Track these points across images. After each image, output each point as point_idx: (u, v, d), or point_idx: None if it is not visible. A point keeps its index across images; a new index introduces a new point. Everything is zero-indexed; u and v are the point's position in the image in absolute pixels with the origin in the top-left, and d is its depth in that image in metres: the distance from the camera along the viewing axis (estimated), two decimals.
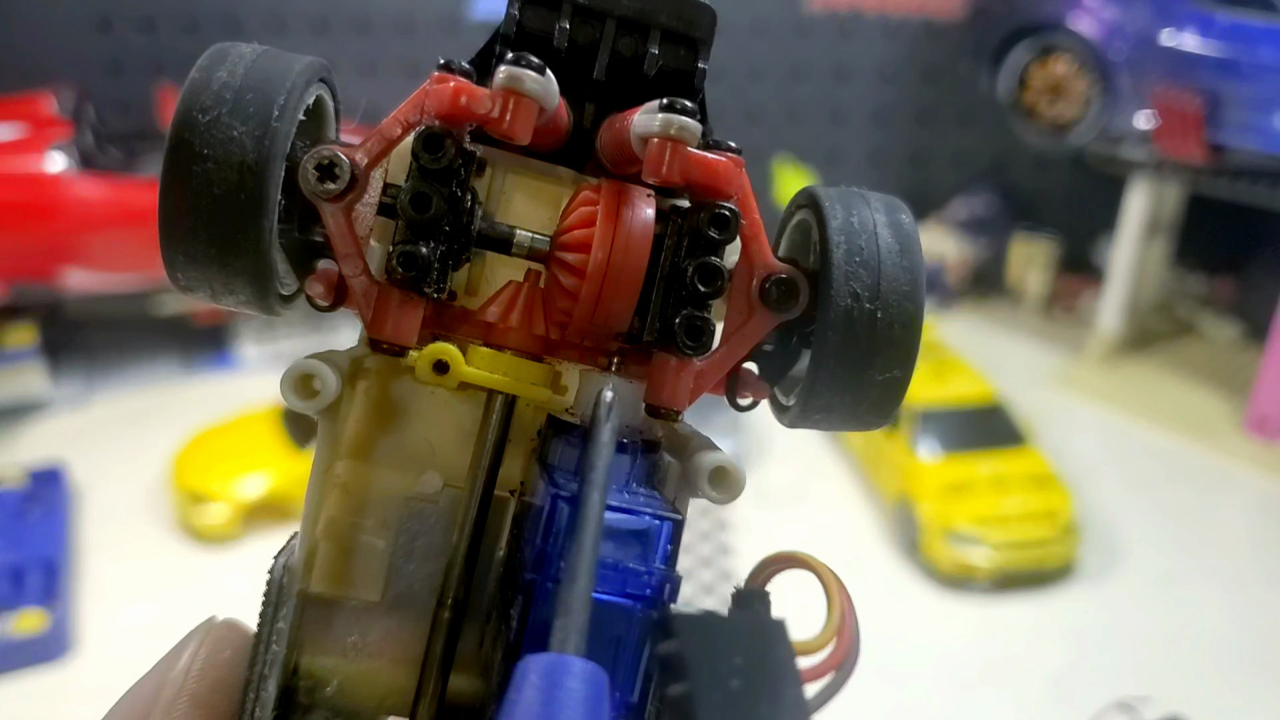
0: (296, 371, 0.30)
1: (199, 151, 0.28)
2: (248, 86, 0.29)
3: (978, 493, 1.47)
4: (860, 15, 2.19)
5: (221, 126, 0.28)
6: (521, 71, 0.29)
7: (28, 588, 1.32)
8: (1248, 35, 1.63)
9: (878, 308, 0.31)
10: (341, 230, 0.31)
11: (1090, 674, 1.30)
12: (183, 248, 0.30)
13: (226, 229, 0.29)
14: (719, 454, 0.32)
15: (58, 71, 1.93)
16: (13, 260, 1.72)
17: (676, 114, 0.29)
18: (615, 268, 0.30)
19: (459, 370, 0.30)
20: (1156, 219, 1.96)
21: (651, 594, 0.27)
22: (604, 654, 0.26)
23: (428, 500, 0.33)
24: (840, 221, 0.32)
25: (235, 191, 0.28)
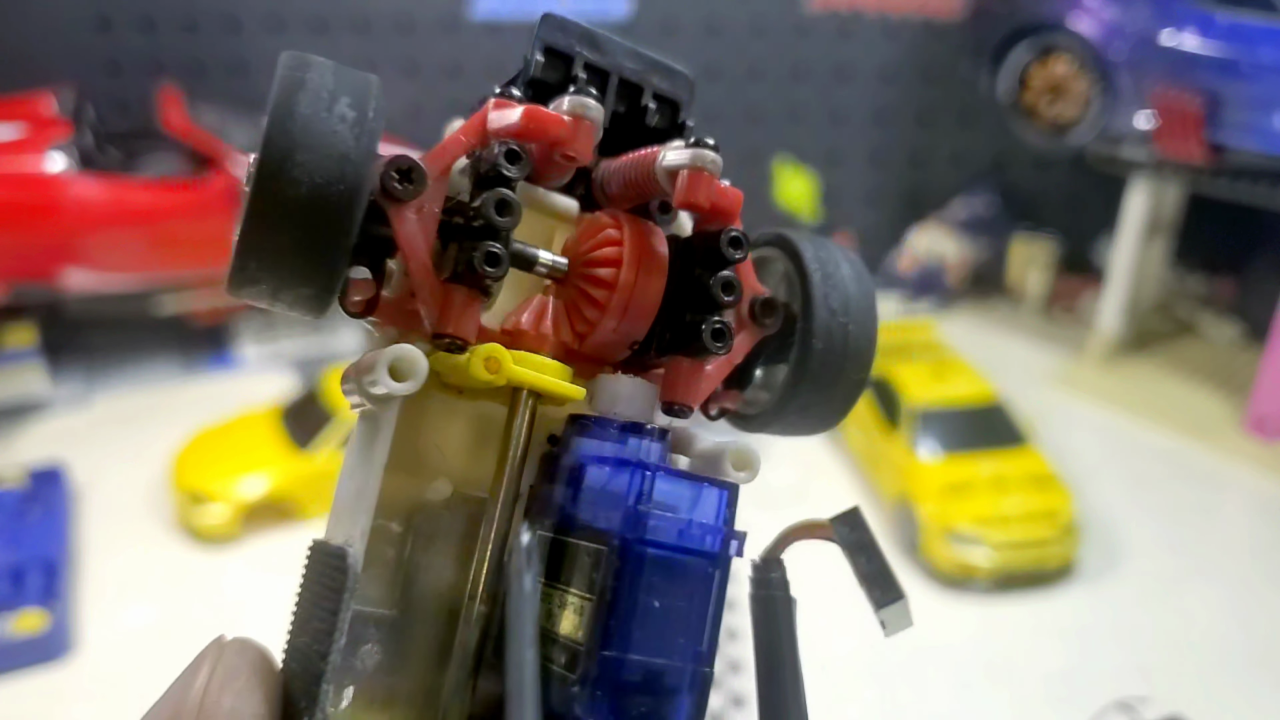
0: (398, 354, 0.31)
1: (300, 142, 0.29)
2: (341, 90, 0.31)
3: (978, 493, 1.47)
4: (860, 15, 2.19)
5: (322, 121, 0.30)
6: (588, 101, 0.33)
7: (28, 588, 1.32)
8: (1248, 35, 1.63)
9: (849, 321, 0.37)
10: (414, 236, 0.32)
11: (1090, 674, 1.30)
12: (270, 236, 0.30)
13: (322, 218, 0.29)
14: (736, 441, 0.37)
15: (57, 71, 1.93)
16: (13, 260, 1.72)
17: (704, 149, 0.33)
18: (641, 284, 0.34)
19: (508, 368, 0.32)
20: (1156, 219, 1.96)
21: (719, 550, 0.30)
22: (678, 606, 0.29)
23: (439, 507, 0.35)
24: (812, 254, 0.37)
25: (335, 182, 0.29)
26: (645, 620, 0.29)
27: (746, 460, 0.37)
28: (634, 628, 0.28)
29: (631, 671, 0.28)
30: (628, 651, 0.28)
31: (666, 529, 0.30)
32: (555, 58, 0.36)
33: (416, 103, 2.19)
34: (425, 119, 2.22)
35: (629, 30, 2.17)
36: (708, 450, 0.37)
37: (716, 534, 0.31)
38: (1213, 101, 1.65)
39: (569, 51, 0.36)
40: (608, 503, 0.30)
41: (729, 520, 0.32)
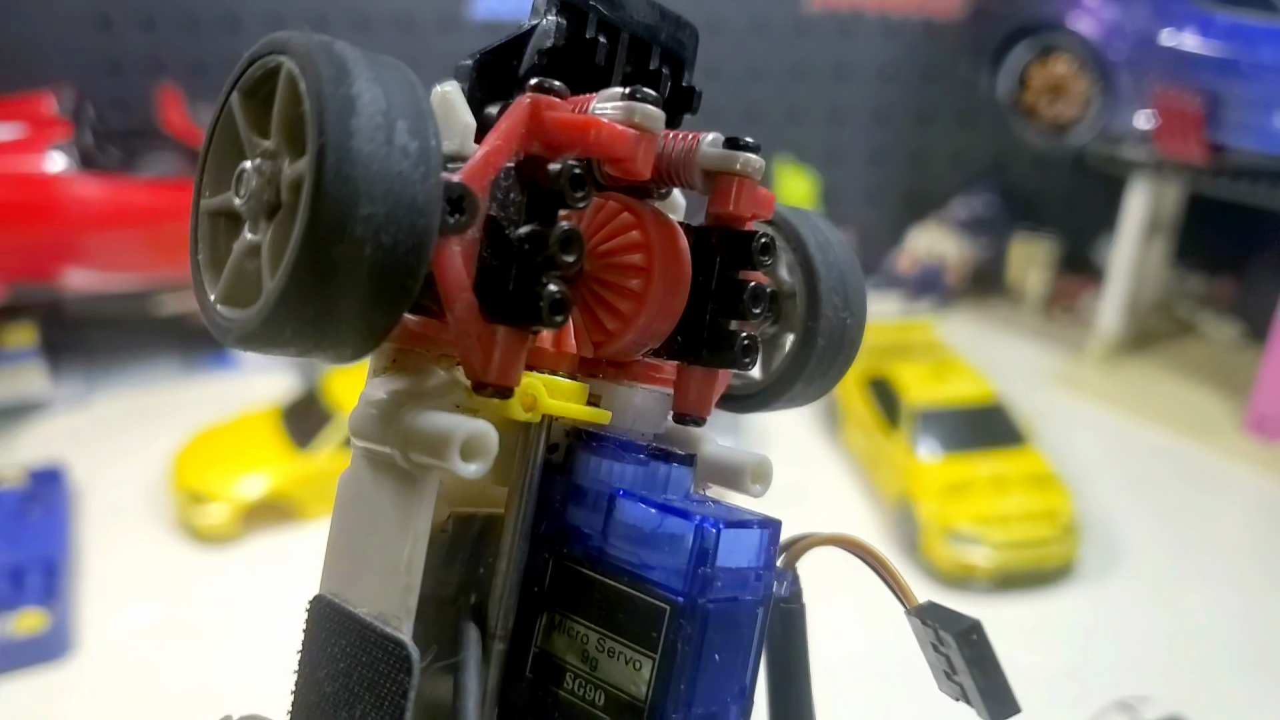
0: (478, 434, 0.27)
1: (365, 191, 0.23)
2: (398, 111, 0.25)
3: (978, 492, 1.47)
4: (860, 15, 2.19)
5: (383, 160, 0.23)
6: (649, 110, 0.29)
7: (28, 587, 1.32)
8: (1248, 35, 1.63)
9: (847, 316, 0.37)
10: (457, 268, 0.28)
11: (1090, 673, 1.30)
12: (323, 302, 0.24)
13: (389, 284, 0.24)
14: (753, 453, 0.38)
15: (57, 71, 1.93)
16: (13, 260, 1.72)
17: (746, 151, 0.32)
18: (668, 298, 0.32)
19: (544, 404, 0.31)
20: (1156, 219, 1.96)
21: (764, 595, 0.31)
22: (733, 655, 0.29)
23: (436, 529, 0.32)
24: (814, 242, 0.37)
25: (405, 239, 0.24)
26: (707, 674, 0.29)
27: (765, 474, 0.37)
28: (699, 685, 0.29)
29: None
30: (692, 708, 0.29)
31: (728, 586, 0.30)
32: (569, 13, 0.35)
33: None
34: None
35: None
36: (722, 460, 0.36)
37: (763, 576, 0.31)
38: (1213, 101, 1.65)
39: (583, 6, 0.34)
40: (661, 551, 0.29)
41: (772, 559, 0.32)
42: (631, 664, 0.29)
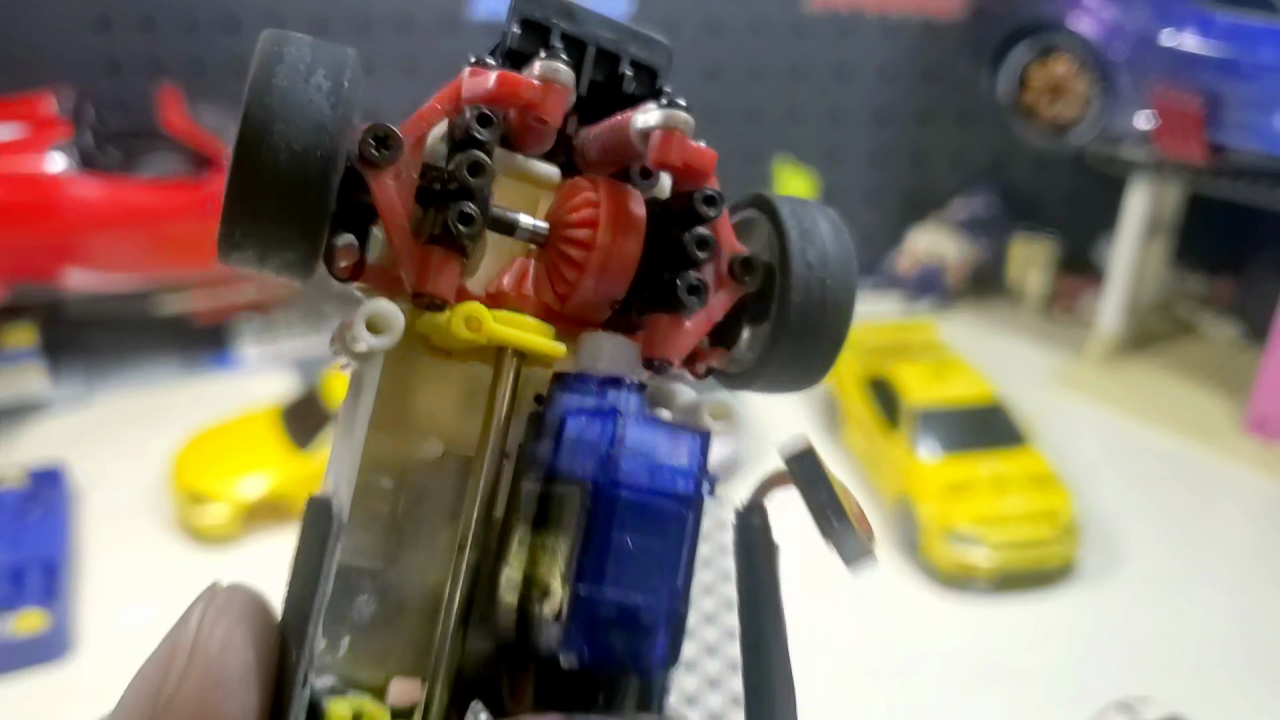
0: (377, 310, 0.32)
1: (278, 113, 0.30)
2: (318, 63, 0.32)
3: (978, 493, 1.47)
4: (860, 15, 2.19)
5: (298, 93, 0.31)
6: (558, 65, 0.34)
7: (28, 588, 1.32)
8: (1248, 35, 1.63)
9: (826, 275, 0.37)
10: (392, 199, 0.33)
11: (1090, 674, 1.30)
12: (250, 202, 0.31)
13: (299, 184, 0.31)
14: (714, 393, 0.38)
15: (57, 71, 1.93)
16: (13, 260, 1.73)
17: (676, 109, 0.34)
18: (618, 243, 0.34)
19: (489, 326, 0.33)
20: (1156, 219, 1.96)
21: (692, 493, 0.32)
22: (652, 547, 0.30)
23: (430, 466, 0.36)
24: (789, 211, 0.38)
25: (313, 149, 0.30)
26: (619, 559, 0.30)
27: (724, 411, 0.37)
28: (608, 565, 0.30)
29: (606, 608, 0.29)
30: (602, 586, 0.29)
31: (638, 471, 0.31)
32: (532, 30, 0.37)
33: (416, 102, 2.19)
34: None
35: None
36: (688, 404, 0.38)
37: (689, 477, 0.32)
38: (1213, 101, 1.65)
39: (545, 23, 0.37)
40: (584, 451, 0.31)
41: (702, 464, 0.33)
42: (560, 556, 0.30)
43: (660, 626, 0.30)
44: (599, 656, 0.29)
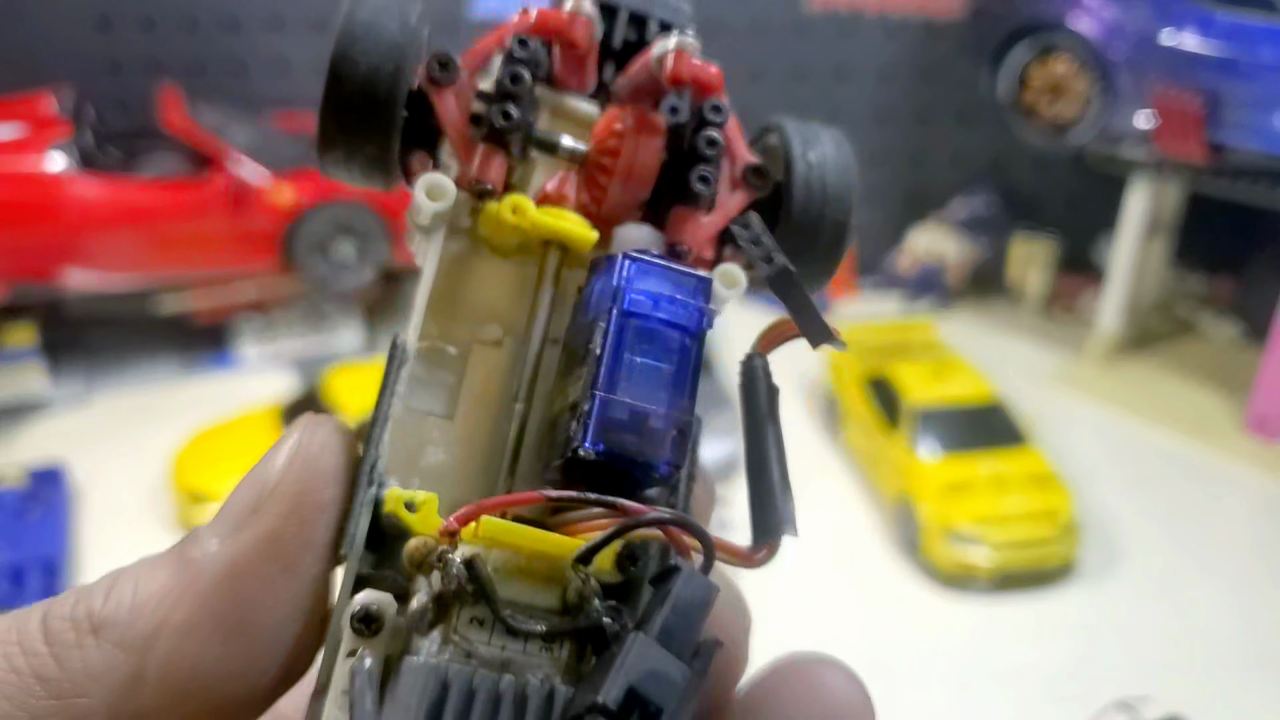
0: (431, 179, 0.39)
1: (359, 35, 0.38)
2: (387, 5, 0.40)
3: (978, 492, 1.47)
4: (860, 15, 2.19)
5: (375, 22, 0.39)
6: (585, 3, 0.40)
7: (28, 587, 1.33)
8: (1248, 35, 1.63)
9: (825, 173, 0.42)
10: (452, 109, 0.39)
11: (1090, 673, 1.30)
12: (336, 104, 0.38)
13: (373, 88, 0.38)
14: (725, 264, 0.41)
15: (57, 71, 1.94)
16: (13, 260, 1.73)
17: (681, 35, 0.40)
18: (641, 151, 0.40)
19: (531, 213, 0.39)
20: (1156, 218, 1.96)
21: (696, 327, 0.36)
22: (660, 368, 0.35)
23: (491, 344, 0.41)
24: (795, 125, 0.44)
25: (386, 62, 0.38)
26: (630, 373, 0.34)
27: (733, 278, 0.41)
28: (620, 377, 0.34)
29: (619, 409, 0.34)
30: (614, 392, 0.34)
31: (646, 302, 0.36)
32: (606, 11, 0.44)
33: None
34: None
35: None
36: None
37: (691, 309, 0.36)
38: (1213, 101, 1.65)
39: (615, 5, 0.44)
40: (604, 297, 0.36)
41: (704, 304, 0.37)
42: (584, 380, 0.35)
43: (669, 432, 0.34)
44: (612, 451, 0.33)
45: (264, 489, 0.34)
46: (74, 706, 0.31)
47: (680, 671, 0.29)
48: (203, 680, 0.32)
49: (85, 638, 0.32)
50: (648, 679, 0.28)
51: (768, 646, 0.41)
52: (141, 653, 0.32)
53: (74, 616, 0.33)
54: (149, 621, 0.32)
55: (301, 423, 0.36)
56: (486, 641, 0.32)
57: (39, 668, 0.31)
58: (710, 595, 0.31)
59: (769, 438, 0.36)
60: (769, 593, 1.42)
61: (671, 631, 0.30)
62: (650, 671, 0.29)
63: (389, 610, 0.32)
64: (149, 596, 0.33)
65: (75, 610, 0.33)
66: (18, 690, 0.31)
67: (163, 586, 0.33)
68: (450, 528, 0.33)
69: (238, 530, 0.33)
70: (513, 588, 0.33)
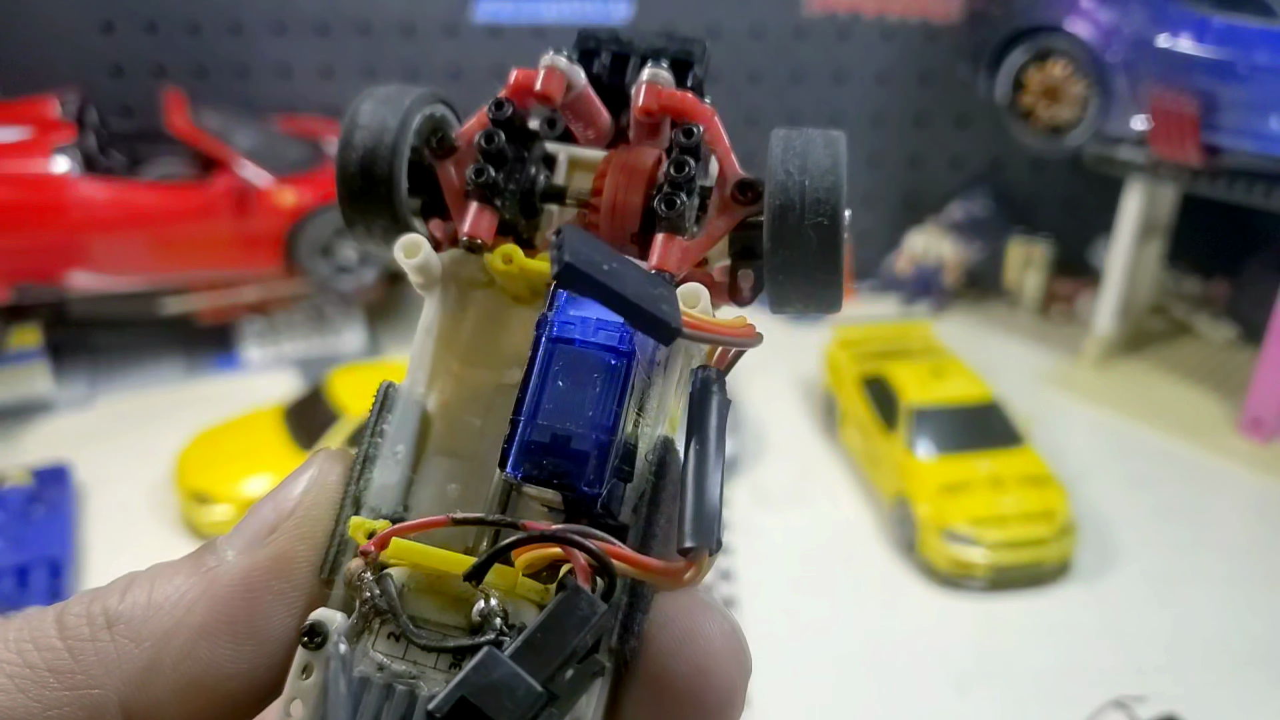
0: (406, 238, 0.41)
1: (360, 125, 0.42)
2: (390, 95, 0.44)
3: (974, 492, 1.48)
4: (858, 18, 2.20)
5: (373, 113, 0.43)
6: (555, 56, 0.41)
7: (33, 587, 1.34)
8: (1243, 38, 1.64)
9: (805, 178, 0.41)
10: (450, 178, 0.42)
11: (1086, 673, 1.31)
12: (345, 185, 0.43)
13: (373, 166, 0.42)
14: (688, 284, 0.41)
15: (61, 74, 1.95)
16: (18, 261, 1.74)
17: (654, 68, 0.42)
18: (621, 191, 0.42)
19: (519, 260, 0.40)
20: (1152, 220, 1.97)
21: (622, 347, 0.36)
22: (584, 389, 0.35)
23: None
24: (781, 135, 0.43)
25: (380, 144, 0.42)
26: (554, 396, 0.35)
27: (694, 298, 0.40)
28: (544, 401, 0.35)
29: (540, 433, 0.34)
30: (536, 417, 0.35)
31: (574, 327, 0.36)
32: (586, 56, 0.46)
33: None
34: None
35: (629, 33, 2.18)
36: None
37: (617, 333, 0.37)
38: (1208, 104, 1.66)
39: (597, 49, 0.46)
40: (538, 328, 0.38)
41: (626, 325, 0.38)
42: None
43: (590, 455, 0.34)
44: (531, 475, 0.34)
45: (282, 513, 0.37)
46: (87, 697, 0.33)
47: (525, 687, 0.29)
48: (213, 677, 0.34)
49: (100, 632, 0.34)
50: (484, 692, 0.29)
51: (768, 647, 0.42)
52: (156, 648, 0.33)
53: (89, 613, 0.34)
54: (166, 619, 0.34)
55: (319, 457, 0.39)
56: (401, 655, 0.33)
57: (52, 661, 0.33)
58: (591, 614, 0.31)
59: (712, 452, 0.35)
60: (769, 592, 1.44)
61: (535, 648, 0.30)
62: (489, 685, 0.29)
63: (332, 625, 0.34)
64: (165, 597, 0.35)
65: (91, 607, 0.34)
66: (32, 683, 0.32)
67: (178, 589, 0.35)
68: (368, 549, 0.35)
69: (256, 546, 0.36)
70: (424, 605, 0.34)
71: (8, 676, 0.32)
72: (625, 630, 0.33)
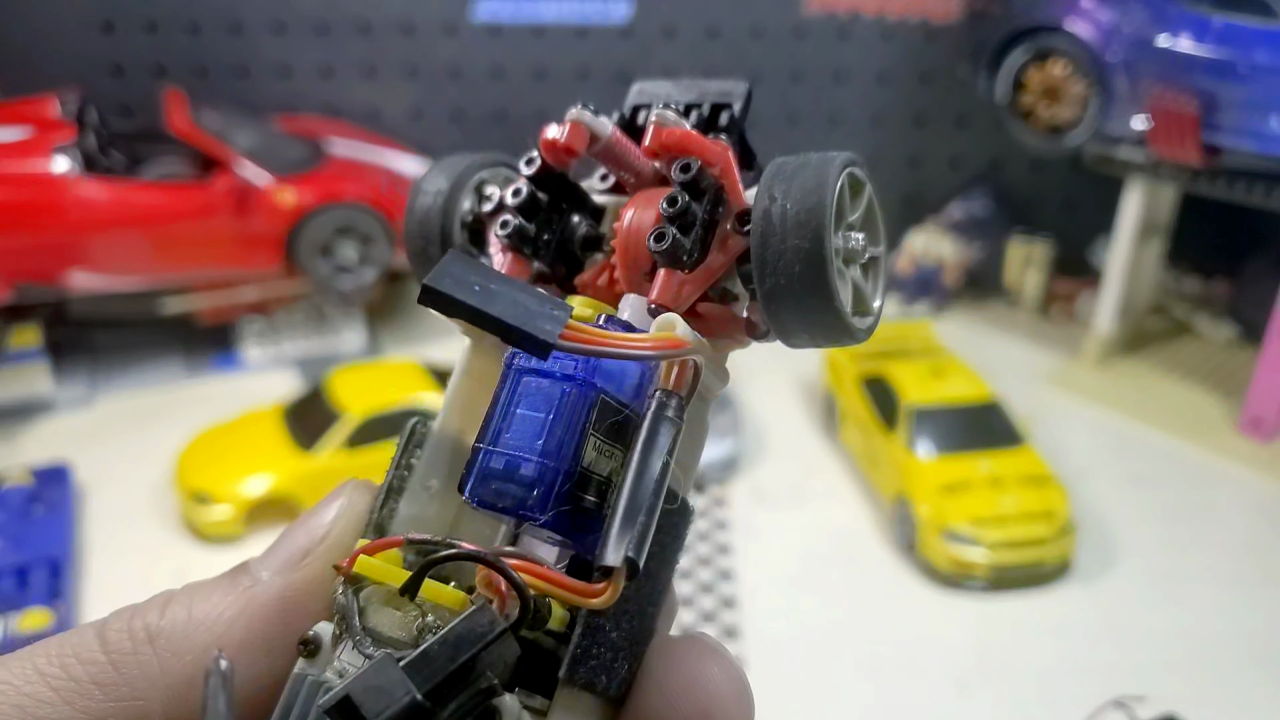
0: None
1: (423, 190, 0.46)
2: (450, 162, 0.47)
3: (974, 492, 1.48)
4: (858, 18, 2.20)
5: (433, 179, 0.47)
6: (580, 110, 0.42)
7: (33, 587, 1.33)
8: (1243, 38, 1.64)
9: (787, 201, 0.40)
10: (493, 236, 0.44)
11: (1086, 672, 1.31)
12: (409, 246, 0.47)
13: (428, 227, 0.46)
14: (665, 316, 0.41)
15: (62, 74, 1.95)
16: (18, 261, 1.74)
17: (662, 109, 0.43)
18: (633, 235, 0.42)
19: None
20: (1152, 220, 1.97)
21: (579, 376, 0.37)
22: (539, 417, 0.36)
23: None
24: (778, 161, 0.43)
25: (433, 208, 0.46)
26: (511, 424, 0.36)
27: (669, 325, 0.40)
28: (502, 429, 0.36)
29: (495, 459, 0.35)
30: (494, 445, 0.35)
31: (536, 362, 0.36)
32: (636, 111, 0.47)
33: (417, 105, 2.21)
34: (426, 121, 2.24)
35: (628, 33, 2.18)
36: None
37: (578, 363, 0.37)
38: (1208, 104, 1.66)
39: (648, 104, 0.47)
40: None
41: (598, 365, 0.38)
42: None
43: (540, 482, 0.35)
44: (486, 501, 0.35)
45: (315, 539, 0.38)
46: (132, 709, 0.34)
47: (403, 690, 0.30)
48: (248, 690, 0.35)
49: (142, 646, 0.35)
50: (367, 692, 0.30)
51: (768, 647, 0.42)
52: (197, 662, 0.35)
53: (131, 628, 0.36)
54: (206, 635, 0.35)
55: (348, 487, 0.40)
56: (359, 665, 0.34)
57: (97, 674, 0.34)
58: (487, 633, 0.32)
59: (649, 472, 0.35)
60: (769, 592, 1.44)
61: (428, 658, 0.31)
62: (373, 686, 0.30)
63: (325, 636, 0.36)
64: (204, 614, 0.36)
65: (132, 623, 0.36)
66: (77, 695, 0.33)
67: (216, 606, 0.36)
68: (341, 565, 0.36)
69: (291, 569, 0.38)
70: (381, 619, 0.36)
71: (53, 690, 0.33)
72: (577, 663, 0.34)
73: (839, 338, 0.41)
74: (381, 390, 1.58)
